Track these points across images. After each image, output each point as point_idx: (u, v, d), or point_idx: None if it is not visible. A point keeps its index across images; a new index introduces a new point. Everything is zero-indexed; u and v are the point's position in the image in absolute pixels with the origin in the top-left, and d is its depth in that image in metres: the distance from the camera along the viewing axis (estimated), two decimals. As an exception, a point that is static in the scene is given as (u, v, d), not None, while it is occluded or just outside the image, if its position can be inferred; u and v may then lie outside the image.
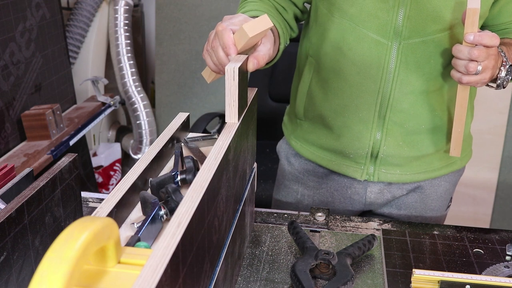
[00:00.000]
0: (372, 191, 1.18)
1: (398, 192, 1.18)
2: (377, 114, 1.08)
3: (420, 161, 1.14)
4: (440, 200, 1.22)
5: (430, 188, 1.19)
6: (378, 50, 1.03)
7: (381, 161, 1.13)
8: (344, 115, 1.11)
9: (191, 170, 0.79)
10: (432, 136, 1.12)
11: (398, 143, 1.10)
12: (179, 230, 0.51)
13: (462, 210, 2.52)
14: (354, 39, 1.04)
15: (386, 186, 1.17)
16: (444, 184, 1.20)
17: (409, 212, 1.20)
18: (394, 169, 1.14)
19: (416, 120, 1.08)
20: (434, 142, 1.12)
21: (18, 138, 1.63)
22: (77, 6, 2.29)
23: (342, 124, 1.12)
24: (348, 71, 1.07)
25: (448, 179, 1.20)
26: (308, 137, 1.20)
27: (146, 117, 2.47)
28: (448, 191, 1.23)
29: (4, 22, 1.53)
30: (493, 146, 2.43)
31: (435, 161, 1.15)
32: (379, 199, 1.19)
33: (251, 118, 0.93)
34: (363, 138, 1.11)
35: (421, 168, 1.15)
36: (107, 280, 0.49)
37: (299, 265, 0.86)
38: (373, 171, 1.14)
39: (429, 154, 1.13)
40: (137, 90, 2.46)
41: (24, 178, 0.82)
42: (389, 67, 1.03)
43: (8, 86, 1.57)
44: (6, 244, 0.66)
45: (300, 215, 1.08)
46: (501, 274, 0.88)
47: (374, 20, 1.01)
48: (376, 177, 1.14)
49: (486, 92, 2.39)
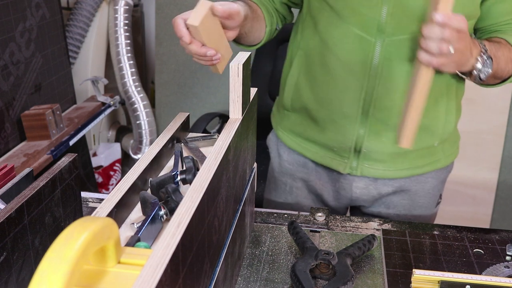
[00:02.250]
0: (357, 186, 1.19)
1: (384, 188, 1.18)
2: (360, 110, 1.09)
3: (403, 158, 1.14)
4: (428, 197, 1.21)
5: (417, 185, 1.19)
6: (362, 46, 1.04)
7: (364, 156, 1.13)
8: (328, 109, 1.12)
9: (191, 170, 0.79)
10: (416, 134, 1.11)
11: (381, 140, 1.11)
12: (179, 230, 0.51)
13: (462, 210, 2.52)
14: (339, 34, 1.06)
15: (371, 182, 1.18)
16: (431, 181, 1.20)
17: (398, 210, 1.20)
18: (377, 165, 1.14)
19: (399, 117, 1.08)
20: (418, 140, 1.12)
21: (18, 138, 1.63)
22: (77, 6, 2.29)
23: (327, 117, 1.13)
24: (333, 65, 1.08)
25: (434, 175, 1.20)
26: (295, 129, 1.22)
27: (146, 117, 2.47)
28: (436, 188, 1.22)
29: (4, 22, 1.53)
30: (493, 146, 2.43)
31: (418, 158, 1.15)
32: (365, 195, 1.20)
33: (251, 118, 0.93)
34: (347, 133, 1.12)
35: (404, 165, 1.15)
36: (107, 280, 0.49)
37: (299, 265, 0.86)
38: (356, 166, 1.15)
39: (413, 152, 1.13)
40: (137, 90, 2.46)
41: (24, 178, 0.82)
42: (373, 64, 1.04)
43: (8, 86, 1.57)
44: (6, 244, 0.66)
45: (300, 215, 1.08)
46: (501, 274, 0.88)
47: (357, 16, 1.03)
48: (359, 171, 1.15)
49: (486, 92, 2.39)
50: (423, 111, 1.09)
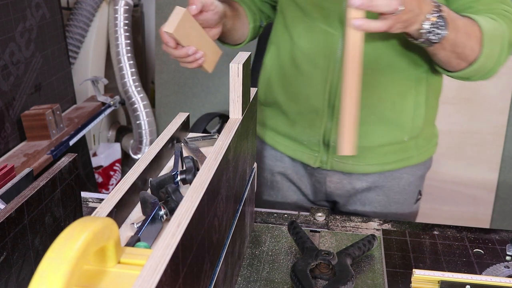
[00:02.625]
0: (331, 181, 1.19)
1: (358, 183, 1.18)
2: (326, 103, 1.10)
3: (373, 153, 1.14)
4: (404, 193, 1.21)
5: (391, 181, 1.18)
6: (326, 39, 1.05)
7: (333, 149, 1.14)
8: (297, 103, 1.14)
9: (191, 170, 0.79)
10: (383, 128, 1.11)
11: None
12: (179, 230, 0.51)
13: (462, 210, 2.53)
14: (303, 28, 1.08)
15: (345, 176, 1.18)
16: (406, 177, 1.19)
17: (374, 207, 1.20)
18: (346, 159, 1.15)
19: (365, 110, 1.07)
20: (386, 134, 1.12)
21: (18, 138, 1.63)
22: (77, 6, 2.29)
23: (296, 111, 1.15)
24: (300, 60, 1.10)
25: (409, 172, 1.19)
26: (268, 123, 1.24)
27: (146, 117, 2.47)
28: (412, 184, 1.21)
29: (4, 22, 1.53)
30: (493, 146, 2.43)
31: (389, 154, 1.14)
32: (339, 189, 1.20)
33: (251, 118, 0.93)
34: (315, 126, 1.13)
35: (374, 160, 1.15)
36: (107, 280, 0.49)
37: (299, 265, 0.86)
38: (326, 160, 1.16)
39: (382, 146, 1.13)
40: (137, 90, 2.46)
41: (24, 178, 0.82)
42: (336, 57, 1.05)
43: (8, 86, 1.57)
44: (6, 244, 0.66)
45: (300, 215, 1.08)
46: (501, 274, 0.88)
47: (320, 10, 1.04)
48: (330, 165, 1.16)
49: (486, 92, 2.40)
50: (390, 105, 1.08)
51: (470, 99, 2.40)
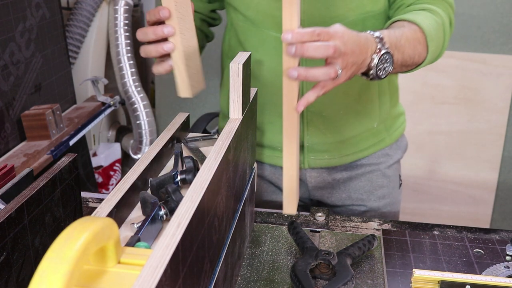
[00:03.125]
0: (311, 176, 1.20)
1: (338, 175, 1.19)
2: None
3: (346, 144, 1.16)
4: (386, 176, 1.22)
5: (370, 166, 1.20)
6: (280, 47, 1.04)
7: (308, 149, 1.15)
8: (264, 113, 1.14)
9: (191, 170, 0.79)
10: (353, 120, 1.13)
11: (321, 131, 1.13)
12: (179, 230, 0.51)
13: (462, 210, 2.53)
14: (257, 40, 1.07)
15: (324, 170, 1.19)
16: (384, 160, 1.21)
17: (360, 194, 1.21)
18: (322, 155, 1.16)
19: (333, 107, 1.10)
20: (357, 125, 1.14)
21: (18, 138, 1.63)
22: (77, 6, 2.29)
23: (265, 121, 1.16)
24: (258, 71, 1.10)
25: (385, 154, 1.21)
26: None
27: (146, 117, 2.47)
28: (392, 167, 1.22)
29: (4, 22, 1.53)
30: (493, 146, 2.43)
31: (361, 141, 1.17)
32: (321, 183, 1.21)
33: (251, 118, 0.93)
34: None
35: (349, 151, 1.16)
36: (107, 280, 0.49)
37: (299, 265, 0.86)
38: (302, 159, 1.16)
39: (354, 136, 1.15)
40: (137, 90, 2.46)
41: (24, 178, 0.82)
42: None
43: (8, 86, 1.57)
44: (6, 244, 0.66)
45: (300, 215, 1.08)
46: (501, 274, 0.88)
47: (272, 20, 1.03)
48: (307, 164, 1.17)
49: (486, 92, 2.40)
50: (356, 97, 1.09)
51: (470, 99, 2.40)
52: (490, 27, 2.32)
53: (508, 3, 2.28)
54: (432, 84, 2.40)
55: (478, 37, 2.34)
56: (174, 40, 0.82)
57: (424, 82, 2.40)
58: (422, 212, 2.55)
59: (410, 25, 0.95)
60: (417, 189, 2.52)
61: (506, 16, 2.30)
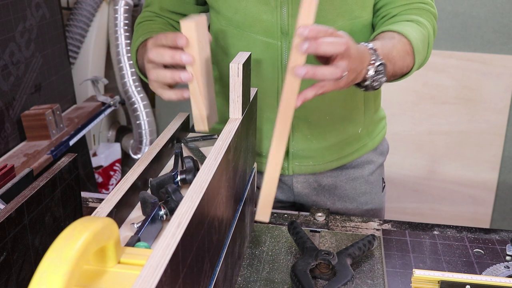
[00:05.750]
0: (298, 181, 1.19)
1: (323, 180, 1.19)
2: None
3: (331, 150, 1.15)
4: (369, 182, 1.22)
5: (355, 172, 1.20)
6: (270, 51, 1.04)
7: (293, 155, 1.15)
8: None
9: (191, 170, 0.79)
10: (339, 125, 1.13)
11: (306, 137, 1.12)
12: (179, 230, 0.51)
13: (462, 210, 2.53)
14: (244, 45, 1.06)
15: (309, 175, 1.19)
16: (367, 167, 1.21)
17: (344, 201, 1.21)
18: (307, 161, 1.15)
19: (319, 113, 1.09)
20: (342, 131, 1.14)
21: (18, 138, 1.63)
22: (77, 6, 2.29)
23: None
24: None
25: (368, 160, 1.21)
26: None
27: (146, 117, 2.47)
28: (375, 173, 1.23)
29: (4, 22, 1.53)
30: (493, 146, 2.43)
31: (345, 147, 1.17)
32: (306, 188, 1.20)
33: (251, 118, 0.93)
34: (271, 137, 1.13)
35: (333, 157, 1.16)
36: (107, 280, 0.49)
37: (299, 265, 0.86)
38: (287, 166, 1.16)
39: (338, 143, 1.15)
40: (137, 90, 2.46)
41: (24, 178, 0.82)
42: (283, 65, 1.05)
43: (8, 86, 1.57)
44: (6, 244, 0.66)
45: (300, 215, 1.08)
46: (501, 274, 0.88)
47: (260, 24, 1.03)
48: (291, 170, 1.16)
49: (486, 92, 2.40)
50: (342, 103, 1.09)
51: (470, 99, 2.40)
52: (490, 27, 2.32)
53: (508, 3, 2.28)
54: (432, 84, 2.40)
55: (478, 37, 2.35)
56: (193, 71, 0.77)
57: (424, 82, 2.40)
58: (422, 212, 2.55)
59: (400, 37, 0.97)
60: (417, 189, 2.52)
61: (506, 16, 2.30)
